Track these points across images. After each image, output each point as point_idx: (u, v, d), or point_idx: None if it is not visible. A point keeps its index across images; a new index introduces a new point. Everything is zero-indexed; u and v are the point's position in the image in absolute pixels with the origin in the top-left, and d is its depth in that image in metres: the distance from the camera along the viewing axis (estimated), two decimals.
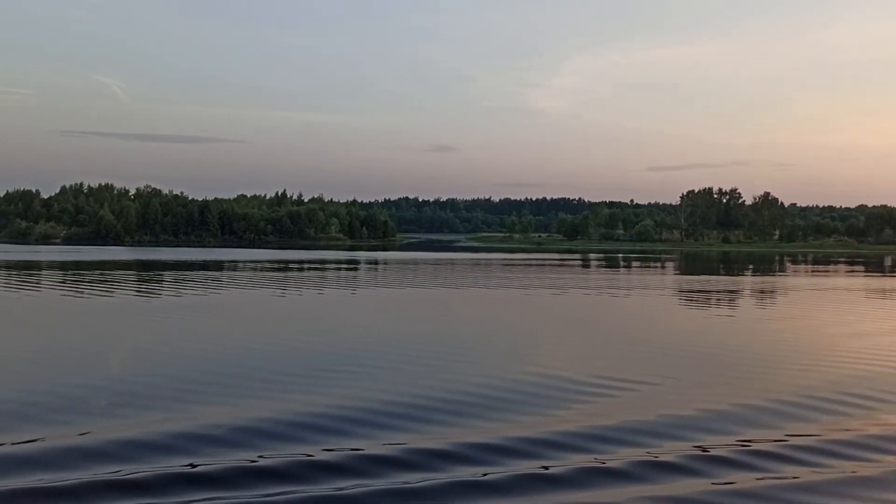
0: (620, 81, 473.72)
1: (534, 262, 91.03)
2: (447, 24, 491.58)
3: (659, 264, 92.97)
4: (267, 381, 16.73)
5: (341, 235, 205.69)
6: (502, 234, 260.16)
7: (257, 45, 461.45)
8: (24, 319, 29.25)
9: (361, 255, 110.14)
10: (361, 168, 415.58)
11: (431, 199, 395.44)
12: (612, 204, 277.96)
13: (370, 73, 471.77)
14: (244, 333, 24.98)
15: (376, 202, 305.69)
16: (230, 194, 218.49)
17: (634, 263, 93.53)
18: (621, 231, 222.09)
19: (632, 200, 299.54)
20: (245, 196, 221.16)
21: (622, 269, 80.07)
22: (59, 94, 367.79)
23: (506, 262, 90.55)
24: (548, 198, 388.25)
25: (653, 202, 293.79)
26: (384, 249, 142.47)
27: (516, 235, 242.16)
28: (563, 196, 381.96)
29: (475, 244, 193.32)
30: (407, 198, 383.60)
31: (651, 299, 41.68)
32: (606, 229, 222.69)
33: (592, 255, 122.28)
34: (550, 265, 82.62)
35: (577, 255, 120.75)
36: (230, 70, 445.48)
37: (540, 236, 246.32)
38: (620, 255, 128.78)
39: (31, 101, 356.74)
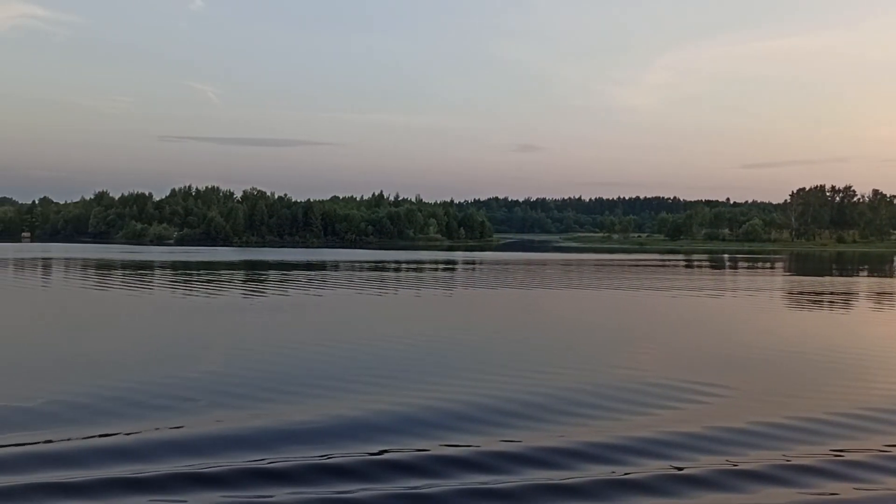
0: (713, 76, 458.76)
1: (637, 262, 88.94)
2: (533, 24, 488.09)
3: (768, 265, 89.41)
4: (354, 380, 17.07)
5: (439, 236, 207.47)
6: (600, 234, 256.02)
7: (348, 50, 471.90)
8: (134, 317, 30.75)
9: (459, 255, 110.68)
10: (451, 169, 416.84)
11: (521, 199, 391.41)
12: (710, 203, 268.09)
13: (457, 73, 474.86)
14: (338, 333, 25.43)
15: (466, 202, 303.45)
16: (325, 196, 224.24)
17: (742, 264, 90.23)
18: (727, 231, 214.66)
19: (728, 199, 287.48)
20: (338, 197, 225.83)
21: (729, 270, 77.39)
22: (158, 101, 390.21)
23: (607, 262, 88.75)
24: (641, 197, 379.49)
25: (750, 200, 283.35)
26: (481, 250, 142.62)
27: (615, 235, 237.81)
28: (658, 195, 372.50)
29: (573, 244, 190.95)
30: (497, 198, 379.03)
31: (756, 301, 39.99)
32: (711, 229, 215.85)
33: (699, 256, 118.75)
34: (654, 266, 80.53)
35: (681, 256, 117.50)
36: (322, 74, 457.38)
37: (639, 236, 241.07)
38: (727, 255, 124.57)
39: (132, 108, 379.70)
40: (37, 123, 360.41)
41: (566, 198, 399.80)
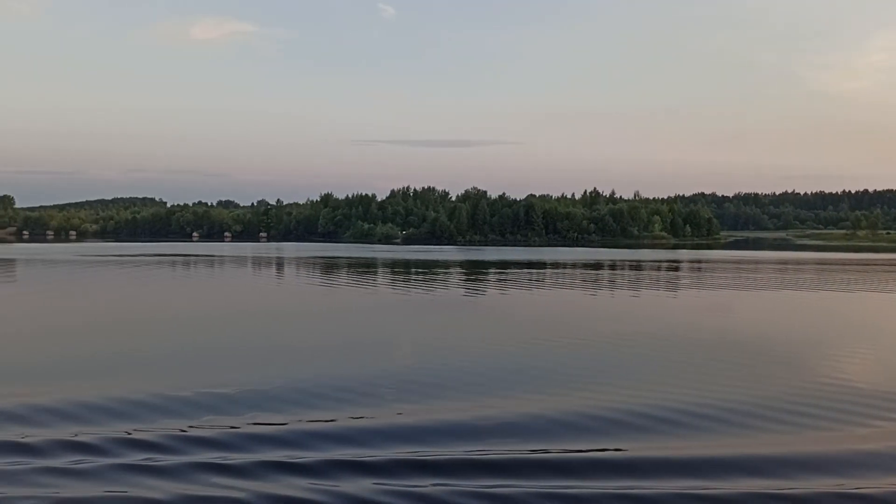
0: None
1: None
2: (729, 9, 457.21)
3: None
4: (530, 380, 17.14)
5: (664, 234, 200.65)
6: (843, 232, 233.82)
7: (534, 47, 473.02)
8: (352, 311, 32.67)
9: (685, 254, 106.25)
10: (644, 164, 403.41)
11: (730, 195, 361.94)
12: None
13: (642, 64, 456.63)
14: (534, 333, 25.21)
15: (670, 199, 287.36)
16: (520, 194, 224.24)
17: None
18: None
19: None
20: (534, 195, 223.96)
21: None
22: (351, 106, 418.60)
23: (866, 263, 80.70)
24: (870, 190, 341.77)
25: None
26: (709, 248, 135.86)
27: (861, 232, 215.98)
28: (890, 188, 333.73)
29: (812, 242, 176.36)
30: (703, 193, 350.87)
31: None
32: None
33: None
34: None
35: None
36: (508, 73, 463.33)
37: (888, 233, 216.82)
38: None
39: (330, 113, 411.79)
40: (248, 131, 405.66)
41: (781, 192, 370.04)
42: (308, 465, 10.82)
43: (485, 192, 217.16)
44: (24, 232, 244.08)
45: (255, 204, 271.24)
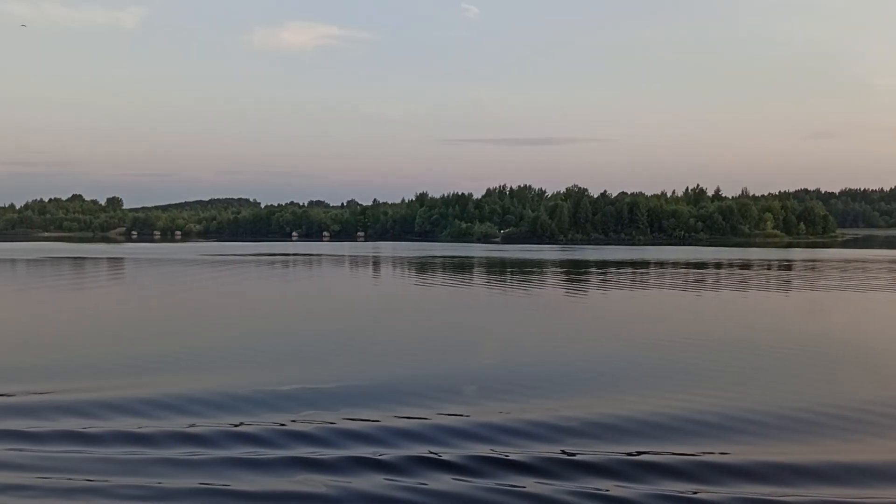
0: None
1: None
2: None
3: None
4: (615, 381, 17.12)
5: (777, 231, 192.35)
6: None
7: (616, 42, 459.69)
8: (444, 309, 33.09)
9: (797, 252, 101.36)
10: (743, 160, 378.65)
11: (836, 191, 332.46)
12: None
13: (740, 57, 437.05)
14: (635, 333, 25.01)
15: (771, 196, 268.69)
16: (612, 191, 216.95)
17: None
18: None
19: None
20: (626, 193, 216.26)
21: None
22: (439, 105, 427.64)
23: None
24: None
25: None
26: (825, 247, 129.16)
27: None
28: None
29: None
30: (806, 189, 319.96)
31: None
32: None
33: None
34: None
35: None
36: (594, 69, 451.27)
37: None
38: None
39: (417, 114, 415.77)
40: (336, 132, 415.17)
41: (889, 187, 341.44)
42: (395, 462, 11.07)
43: (585, 190, 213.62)
44: (133, 232, 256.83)
45: (345, 204, 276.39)
